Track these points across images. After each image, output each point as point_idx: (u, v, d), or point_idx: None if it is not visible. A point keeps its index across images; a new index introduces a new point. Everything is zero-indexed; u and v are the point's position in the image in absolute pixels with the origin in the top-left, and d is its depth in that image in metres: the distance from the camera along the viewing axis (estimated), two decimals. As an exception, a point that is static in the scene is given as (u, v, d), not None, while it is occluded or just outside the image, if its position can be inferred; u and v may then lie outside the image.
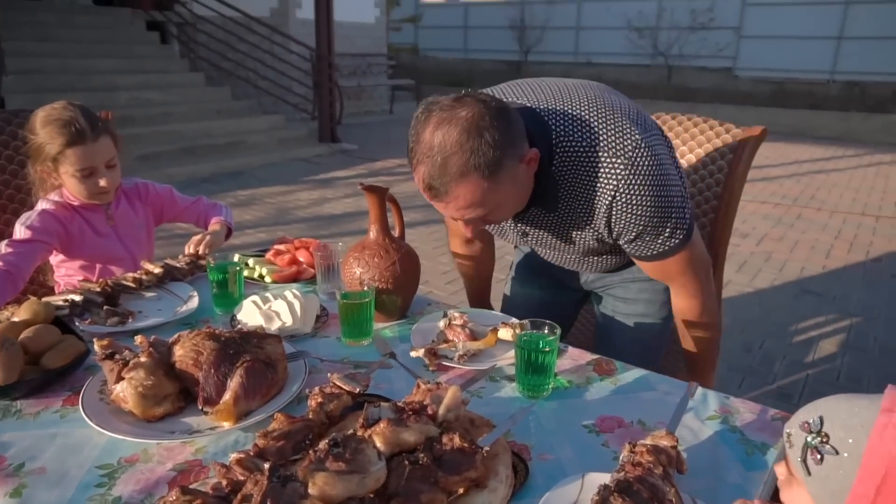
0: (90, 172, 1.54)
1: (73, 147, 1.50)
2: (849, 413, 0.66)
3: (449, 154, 1.02)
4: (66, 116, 1.50)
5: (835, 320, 3.30)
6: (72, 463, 0.89)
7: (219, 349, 1.00)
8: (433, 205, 1.12)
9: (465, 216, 1.12)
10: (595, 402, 1.07)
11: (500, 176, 1.06)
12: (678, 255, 1.23)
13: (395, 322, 1.35)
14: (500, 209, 1.15)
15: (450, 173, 1.03)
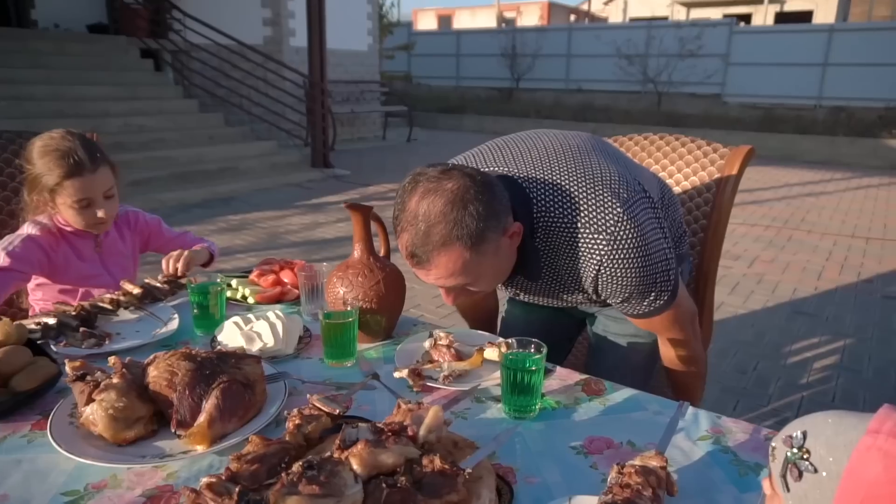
0: (88, 203, 1.51)
1: (72, 179, 1.47)
2: (834, 431, 0.63)
3: (433, 223, 1.02)
4: (65, 147, 1.48)
5: (828, 341, 3.28)
6: (36, 490, 0.85)
7: (194, 369, 0.97)
8: (415, 273, 1.11)
9: (446, 285, 1.12)
10: (583, 423, 1.04)
11: (483, 248, 1.06)
12: (664, 315, 1.24)
13: (379, 343, 1.32)
14: (482, 280, 1.14)
15: (432, 242, 1.03)
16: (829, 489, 0.61)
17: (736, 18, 20.17)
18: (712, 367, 2.97)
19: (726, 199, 1.64)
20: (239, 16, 9.35)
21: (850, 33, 15.02)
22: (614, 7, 35.74)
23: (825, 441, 0.63)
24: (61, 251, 1.55)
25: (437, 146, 11.32)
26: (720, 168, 1.66)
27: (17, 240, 1.48)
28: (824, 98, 14.95)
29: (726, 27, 16.24)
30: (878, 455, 0.59)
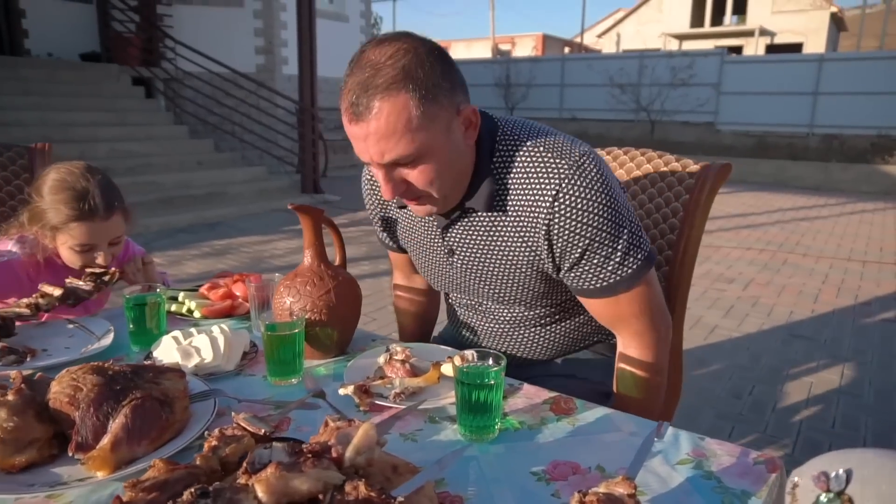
0: (90, 248, 1.41)
1: (80, 223, 1.37)
2: (891, 479, 0.49)
3: (380, 67, 0.92)
4: (81, 187, 1.37)
5: (826, 365, 3.16)
6: None
7: (102, 384, 0.85)
8: (352, 143, 0.98)
9: (387, 153, 0.95)
10: (548, 446, 0.92)
11: (433, 111, 0.94)
12: (634, 291, 1.07)
13: (331, 359, 1.20)
14: (429, 165, 0.98)
15: (376, 84, 0.91)
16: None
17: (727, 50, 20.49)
18: (706, 391, 2.84)
19: (700, 212, 1.51)
20: (233, 44, 9.42)
21: (839, 63, 15.20)
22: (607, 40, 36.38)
23: (877, 490, 0.49)
24: (40, 279, 1.41)
25: (430, 173, 11.27)
26: (694, 180, 1.54)
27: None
28: (816, 126, 15.04)
29: (717, 57, 16.42)
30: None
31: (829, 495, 0.49)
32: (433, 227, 1.19)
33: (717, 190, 1.53)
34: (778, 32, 30.03)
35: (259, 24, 9.76)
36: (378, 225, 1.36)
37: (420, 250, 1.26)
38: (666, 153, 1.65)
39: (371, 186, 1.31)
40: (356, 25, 11.60)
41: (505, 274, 1.14)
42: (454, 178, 1.05)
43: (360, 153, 0.99)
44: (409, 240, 1.28)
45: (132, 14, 8.99)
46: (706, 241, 5.94)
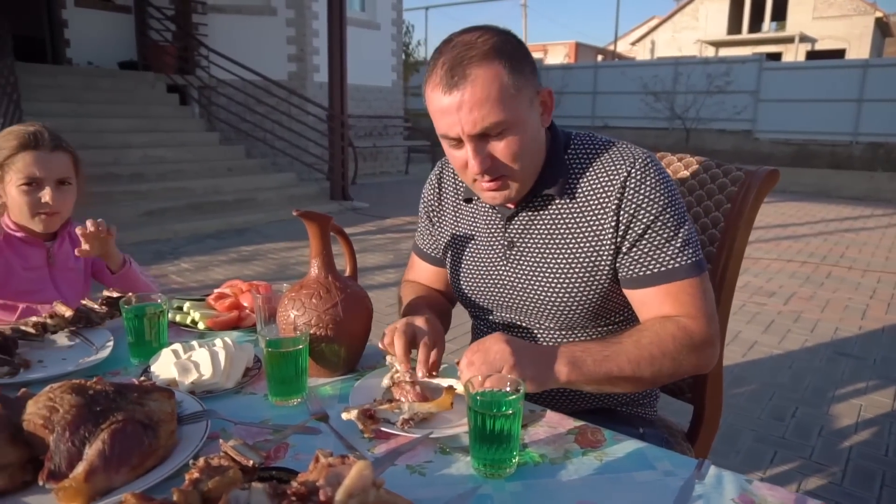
0: (37, 184, 1.38)
1: (24, 151, 1.37)
2: None
3: (473, 44, 0.99)
4: (30, 129, 1.41)
5: (877, 387, 2.95)
6: None
7: (81, 405, 0.78)
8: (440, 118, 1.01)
9: (479, 121, 0.98)
10: (573, 485, 0.82)
11: (521, 83, 1.00)
12: (690, 281, 1.04)
13: (338, 378, 1.12)
14: (515, 137, 1.01)
15: (471, 56, 0.97)
16: None
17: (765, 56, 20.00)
18: (745, 412, 2.68)
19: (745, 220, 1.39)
20: (265, 52, 9.49)
21: (886, 69, 14.68)
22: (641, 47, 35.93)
23: None
24: (4, 258, 1.40)
25: (459, 181, 11.21)
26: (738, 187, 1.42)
27: None
28: (860, 134, 14.56)
29: (756, 63, 16.05)
30: None
31: None
32: (495, 220, 1.18)
33: (762, 199, 1.41)
34: (819, 39, 29.22)
35: (291, 33, 9.82)
36: (425, 226, 1.34)
37: (473, 251, 1.22)
38: (706, 159, 1.53)
39: (438, 186, 1.31)
40: (387, 33, 11.61)
41: (563, 269, 1.10)
42: (532, 158, 1.07)
43: (448, 128, 1.01)
44: (461, 241, 1.24)
45: (168, 23, 9.15)
46: (745, 253, 5.71)
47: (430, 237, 1.33)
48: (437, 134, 1.06)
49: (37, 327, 1.18)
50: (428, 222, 1.33)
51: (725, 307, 1.43)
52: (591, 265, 1.09)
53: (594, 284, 1.09)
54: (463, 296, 1.25)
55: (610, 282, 1.10)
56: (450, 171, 1.30)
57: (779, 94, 15.59)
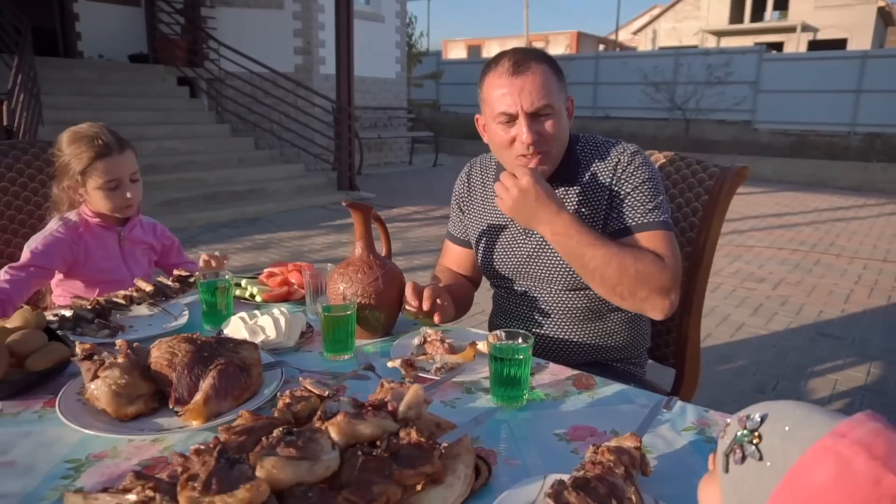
0: (116, 185, 1.61)
1: (101, 160, 1.57)
2: (796, 422, 0.57)
3: (532, 49, 1.36)
4: (92, 132, 1.60)
5: (853, 363, 3.20)
6: (41, 458, 0.90)
7: (193, 351, 1.02)
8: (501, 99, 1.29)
9: (536, 99, 1.27)
10: (569, 414, 1.06)
11: (561, 85, 1.33)
12: (661, 233, 1.32)
13: (378, 339, 1.36)
14: (553, 124, 1.31)
15: (534, 54, 1.32)
16: (769, 482, 0.55)
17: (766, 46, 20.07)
18: (729, 385, 2.93)
19: (718, 212, 1.62)
20: (272, 45, 9.67)
21: (884, 59, 14.81)
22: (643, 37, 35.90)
23: (782, 431, 0.57)
24: (83, 244, 1.62)
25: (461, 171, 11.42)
26: (712, 182, 1.65)
27: (41, 238, 1.57)
28: (858, 124, 14.70)
29: (755, 54, 16.16)
30: (835, 460, 0.52)
31: (744, 432, 0.58)
32: None
33: (734, 192, 1.64)
34: (821, 28, 29.22)
35: (298, 25, 10.00)
36: (456, 215, 1.61)
37: (497, 231, 1.48)
38: (688, 156, 1.76)
39: (467, 181, 1.60)
40: (392, 25, 11.78)
41: None
42: (562, 144, 1.37)
43: (508, 106, 1.29)
44: (488, 222, 1.51)
45: (178, 17, 9.34)
46: (738, 241, 5.96)
47: (460, 223, 1.61)
48: (489, 117, 1.35)
49: (126, 298, 1.42)
50: (459, 211, 1.61)
51: (703, 282, 1.66)
52: None
53: None
54: (488, 268, 1.51)
55: None
56: (478, 169, 1.58)
57: (778, 85, 15.72)
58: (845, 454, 0.51)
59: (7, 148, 1.88)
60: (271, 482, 0.69)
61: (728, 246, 5.72)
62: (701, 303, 1.67)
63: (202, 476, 0.68)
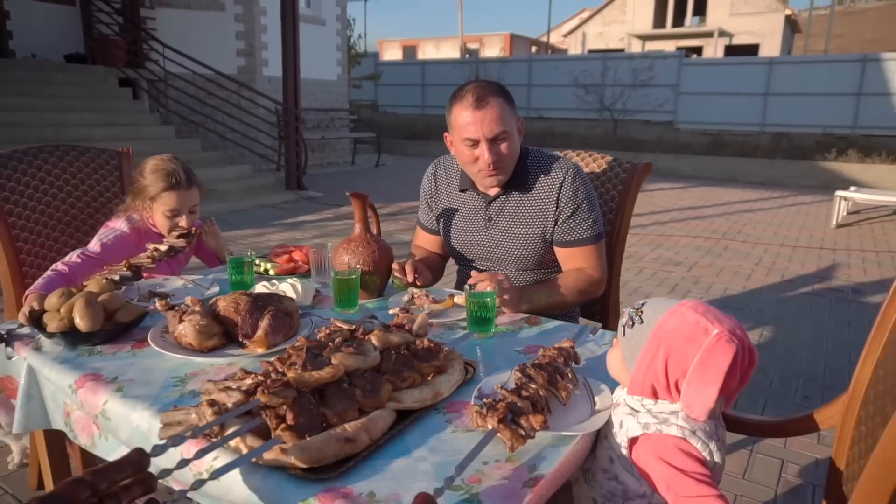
0: (176, 214, 1.93)
1: (170, 192, 1.90)
2: (661, 302, 1.06)
3: (489, 85, 1.70)
4: (171, 168, 1.92)
5: (750, 328, 3.80)
6: (150, 376, 1.25)
7: (251, 301, 1.38)
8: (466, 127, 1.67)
9: (494, 128, 1.65)
10: (524, 339, 1.49)
11: (513, 114, 1.70)
12: (594, 247, 1.77)
13: (374, 299, 1.75)
14: (508, 146, 1.69)
15: (492, 89, 1.68)
16: (645, 334, 1.02)
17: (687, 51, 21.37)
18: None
19: (629, 202, 2.10)
20: (214, 47, 9.76)
21: (788, 65, 16.20)
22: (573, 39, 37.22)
23: (654, 307, 1.05)
24: (141, 248, 1.91)
25: (404, 170, 11.81)
26: (626, 176, 2.13)
27: (112, 235, 1.87)
28: (767, 124, 16.03)
29: (675, 59, 17.29)
30: (679, 315, 1.00)
31: (632, 310, 1.05)
32: (480, 203, 1.86)
33: (640, 184, 2.12)
34: (736, 34, 31.20)
35: (240, 28, 10.12)
36: (424, 209, 2.00)
37: (462, 223, 1.88)
38: (607, 155, 2.22)
39: (433, 180, 1.97)
40: (333, 29, 12.03)
41: (523, 234, 1.80)
42: (514, 160, 1.76)
43: (472, 133, 1.66)
44: (453, 217, 1.90)
45: (115, 17, 9.28)
46: (659, 231, 6.62)
47: (429, 215, 2.00)
48: (456, 139, 1.73)
49: (150, 258, 1.73)
50: (427, 206, 2.00)
51: (620, 254, 2.13)
52: (540, 232, 1.78)
53: (541, 244, 1.79)
54: (455, 252, 1.92)
55: (549, 243, 1.80)
56: (443, 170, 1.96)
57: (697, 88, 16.91)
58: (684, 312, 0.99)
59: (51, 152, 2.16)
60: (343, 367, 1.08)
61: (650, 235, 6.37)
62: (619, 270, 2.14)
63: (299, 363, 1.06)
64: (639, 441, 1.02)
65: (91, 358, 1.33)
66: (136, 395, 1.17)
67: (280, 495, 0.91)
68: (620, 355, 1.08)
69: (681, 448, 0.97)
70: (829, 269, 5.24)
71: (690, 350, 0.97)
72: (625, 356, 1.08)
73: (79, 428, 1.35)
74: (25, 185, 2.03)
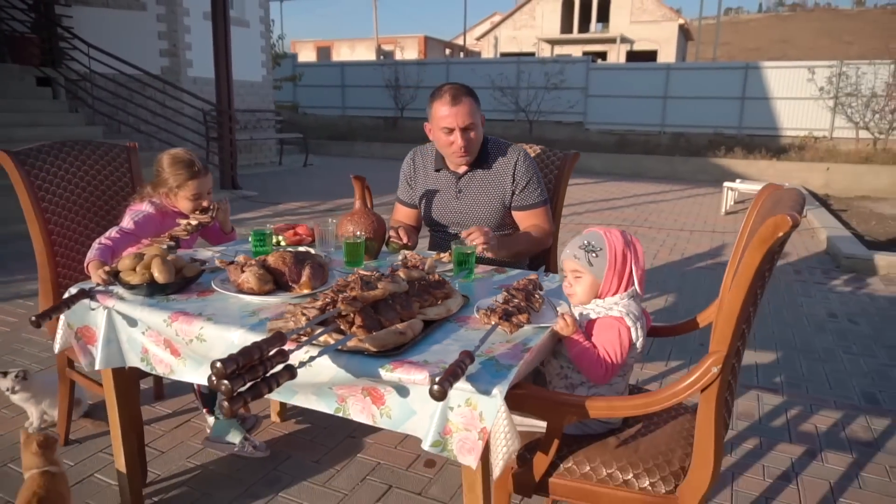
0: (198, 197, 2.27)
1: (192, 180, 2.25)
2: (595, 236, 1.59)
3: (462, 87, 2.26)
4: (187, 158, 2.27)
5: (656, 296, 4.51)
6: (226, 312, 1.64)
7: (294, 256, 1.80)
8: (443, 119, 2.20)
9: (466, 120, 2.19)
10: (496, 281, 1.99)
11: (478, 109, 2.27)
12: (544, 209, 2.32)
13: (372, 260, 2.19)
14: (475, 134, 2.24)
15: (464, 91, 2.24)
16: (605, 256, 1.55)
17: (593, 56, 22.74)
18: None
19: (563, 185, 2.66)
20: (135, 47, 9.67)
21: (683, 71, 17.71)
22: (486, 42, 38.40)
23: (594, 240, 1.58)
24: (166, 225, 2.24)
25: (332, 170, 12.09)
26: (560, 164, 2.68)
27: (142, 214, 2.19)
28: (667, 125, 17.46)
29: (583, 64, 18.46)
30: (613, 236, 1.56)
31: (586, 247, 1.60)
32: (451, 179, 2.39)
33: (572, 169, 2.68)
34: (636, 40, 33.38)
35: (163, 28, 10.06)
36: (404, 186, 2.47)
37: (437, 196, 2.38)
38: (545, 147, 2.77)
39: (412, 164, 2.46)
40: (256, 31, 12.10)
41: (486, 203, 2.32)
42: (479, 143, 2.32)
43: (449, 123, 2.20)
44: (429, 192, 2.39)
45: (27, 14, 9.01)
46: (577, 220, 7.34)
47: (408, 192, 2.47)
48: (435, 128, 2.23)
49: (185, 230, 2.10)
50: (407, 184, 2.48)
51: (558, 218, 2.67)
52: (500, 200, 2.31)
53: (500, 209, 2.31)
54: (430, 220, 2.40)
55: (507, 208, 2.31)
56: (420, 156, 2.46)
57: (603, 91, 18.13)
58: (611, 233, 1.59)
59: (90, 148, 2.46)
60: (387, 290, 1.53)
61: (570, 224, 7.07)
62: (558, 232, 2.69)
63: (356, 287, 1.50)
64: (595, 321, 1.54)
65: (170, 303, 1.70)
66: (223, 322, 1.57)
67: (363, 367, 1.36)
68: (592, 279, 1.59)
69: (618, 321, 1.51)
70: (719, 248, 6.11)
71: (629, 251, 1.53)
72: (597, 276, 1.58)
73: (156, 361, 1.72)
74: (53, 175, 2.32)
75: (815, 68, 15.06)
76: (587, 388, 1.58)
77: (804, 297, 4.58)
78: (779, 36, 60.96)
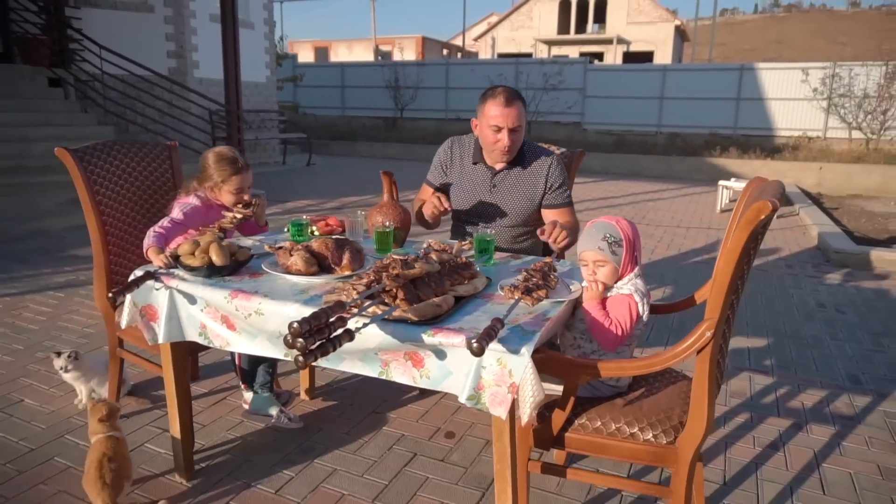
0: (240, 191, 2.47)
1: (236, 175, 2.44)
2: (609, 227, 1.80)
3: (514, 90, 2.48)
4: (231, 155, 2.47)
5: (655, 288, 4.74)
6: (279, 290, 1.85)
7: (334, 242, 2.02)
8: (496, 118, 2.42)
9: (515, 122, 2.42)
10: (513, 266, 2.21)
11: (525, 113, 2.50)
12: (571, 208, 2.57)
13: (399, 248, 2.41)
14: (519, 135, 2.48)
15: (516, 94, 2.46)
16: (622, 245, 1.78)
17: (591, 56, 22.97)
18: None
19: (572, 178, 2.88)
20: (143, 48, 9.85)
21: (679, 72, 17.97)
22: (483, 43, 38.64)
23: (609, 230, 1.80)
24: (210, 217, 2.46)
25: (335, 169, 12.30)
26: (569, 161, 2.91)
27: (189, 206, 2.40)
28: (663, 126, 17.71)
29: (581, 65, 18.70)
30: (622, 224, 1.80)
31: (609, 239, 1.83)
32: (487, 174, 2.60)
33: (578, 166, 2.91)
34: (633, 41, 33.65)
35: (170, 30, 10.25)
36: (438, 171, 2.69)
37: (471, 188, 2.60)
38: (555, 144, 2.99)
39: (450, 152, 2.69)
40: (261, 32, 12.31)
41: (518, 199, 2.55)
42: (520, 144, 2.54)
43: (500, 122, 2.42)
44: (465, 183, 2.61)
45: (37, 16, 9.19)
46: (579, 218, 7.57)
47: (441, 177, 2.70)
48: (484, 124, 2.46)
49: (231, 222, 2.31)
50: (441, 170, 2.70)
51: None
52: (530, 199, 2.55)
53: (529, 207, 2.56)
54: (459, 209, 2.63)
55: (536, 207, 2.55)
56: (458, 146, 2.68)
57: (601, 92, 18.36)
58: (619, 221, 1.83)
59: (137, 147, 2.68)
60: (423, 269, 1.75)
61: (570, 221, 7.31)
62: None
63: (397, 267, 1.72)
64: (608, 298, 1.78)
65: (227, 283, 1.92)
66: (279, 298, 1.79)
67: (407, 333, 1.58)
68: (612, 267, 1.81)
69: (628, 297, 1.74)
70: (714, 244, 6.35)
71: (638, 234, 1.78)
72: (617, 264, 1.81)
73: (213, 335, 1.94)
74: (105, 171, 2.53)
75: (809, 70, 15.32)
76: (598, 356, 1.81)
77: (795, 289, 4.82)
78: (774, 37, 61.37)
